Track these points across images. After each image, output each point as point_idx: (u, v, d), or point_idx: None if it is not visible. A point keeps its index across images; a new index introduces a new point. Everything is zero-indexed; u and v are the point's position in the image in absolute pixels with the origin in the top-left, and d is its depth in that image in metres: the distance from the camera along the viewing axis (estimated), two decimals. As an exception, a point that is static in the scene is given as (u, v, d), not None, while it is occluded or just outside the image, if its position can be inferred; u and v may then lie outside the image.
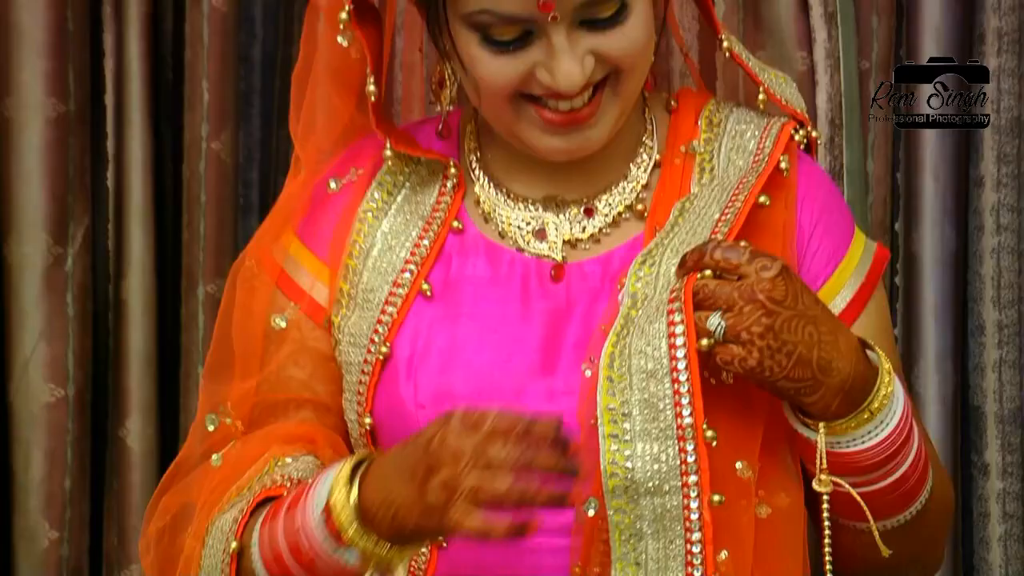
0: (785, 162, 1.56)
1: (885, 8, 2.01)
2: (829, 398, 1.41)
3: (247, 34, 2.11)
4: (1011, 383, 2.03)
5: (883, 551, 1.47)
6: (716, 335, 1.40)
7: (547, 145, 1.51)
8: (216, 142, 2.06)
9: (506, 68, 1.46)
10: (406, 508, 1.35)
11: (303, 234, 1.61)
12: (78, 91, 2.05)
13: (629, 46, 1.47)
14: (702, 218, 1.53)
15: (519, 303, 1.55)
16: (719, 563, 1.43)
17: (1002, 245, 2.03)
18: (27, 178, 2.03)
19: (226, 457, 1.53)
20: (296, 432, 1.54)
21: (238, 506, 1.47)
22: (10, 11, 2.01)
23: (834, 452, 1.43)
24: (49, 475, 2.04)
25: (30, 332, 2.04)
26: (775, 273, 1.40)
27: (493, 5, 1.42)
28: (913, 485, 1.47)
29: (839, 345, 1.42)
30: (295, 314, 1.59)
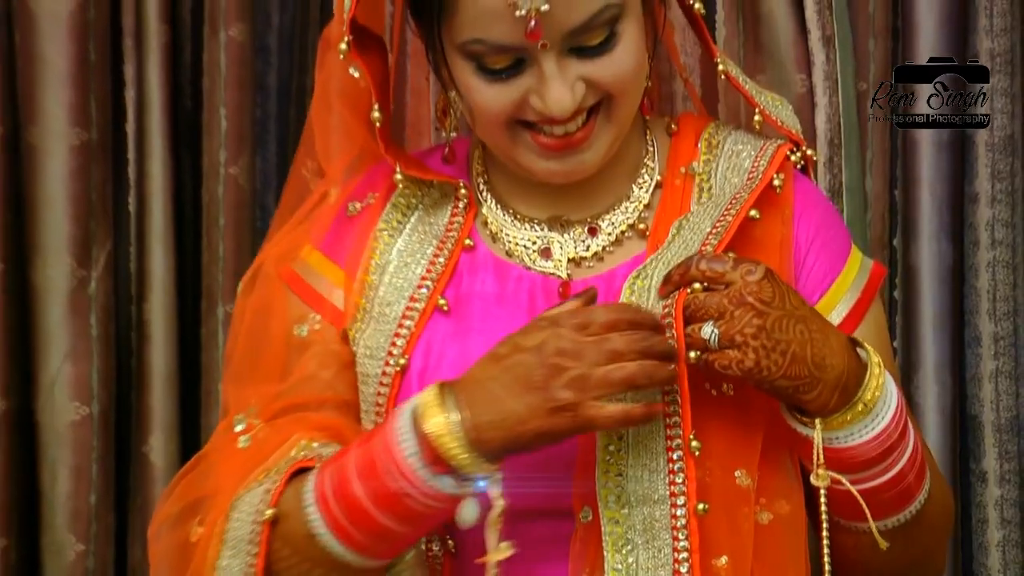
0: (779, 180, 1.58)
1: (881, 31, 2.02)
2: (827, 394, 1.42)
3: (263, 63, 2.12)
4: (1007, 393, 2.04)
5: (881, 544, 1.47)
6: (711, 343, 1.41)
7: (543, 168, 1.53)
8: (234, 167, 2.07)
9: (500, 95, 1.48)
10: (526, 417, 1.36)
11: (325, 248, 1.62)
12: (100, 120, 2.06)
13: (619, 72, 1.49)
14: (695, 233, 1.54)
15: (526, 318, 1.54)
16: (719, 568, 1.44)
17: (997, 259, 2.03)
18: (51, 203, 2.04)
19: (255, 439, 1.53)
20: (324, 422, 1.54)
21: (270, 478, 1.47)
22: (35, 43, 2.02)
23: (832, 448, 1.44)
24: (75, 490, 2.05)
25: (56, 352, 2.05)
26: (760, 276, 1.42)
27: (485, 35, 1.45)
28: (911, 483, 1.48)
29: (830, 342, 1.43)
30: (317, 322, 1.60)
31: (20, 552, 2.07)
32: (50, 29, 2.01)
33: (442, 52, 1.52)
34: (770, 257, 1.54)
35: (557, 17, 1.42)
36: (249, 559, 1.45)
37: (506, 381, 1.37)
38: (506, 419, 1.37)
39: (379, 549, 1.43)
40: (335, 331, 1.60)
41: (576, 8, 1.43)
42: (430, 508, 1.39)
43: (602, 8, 1.45)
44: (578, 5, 1.43)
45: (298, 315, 1.60)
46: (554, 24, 1.42)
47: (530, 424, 1.37)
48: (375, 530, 1.40)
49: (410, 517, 1.40)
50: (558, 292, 1.57)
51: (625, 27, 1.47)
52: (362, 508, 1.40)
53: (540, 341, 1.38)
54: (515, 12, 1.41)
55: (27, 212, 2.06)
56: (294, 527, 1.43)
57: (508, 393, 1.37)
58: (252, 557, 1.44)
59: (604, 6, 1.45)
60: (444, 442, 1.37)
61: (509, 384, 1.37)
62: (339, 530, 1.40)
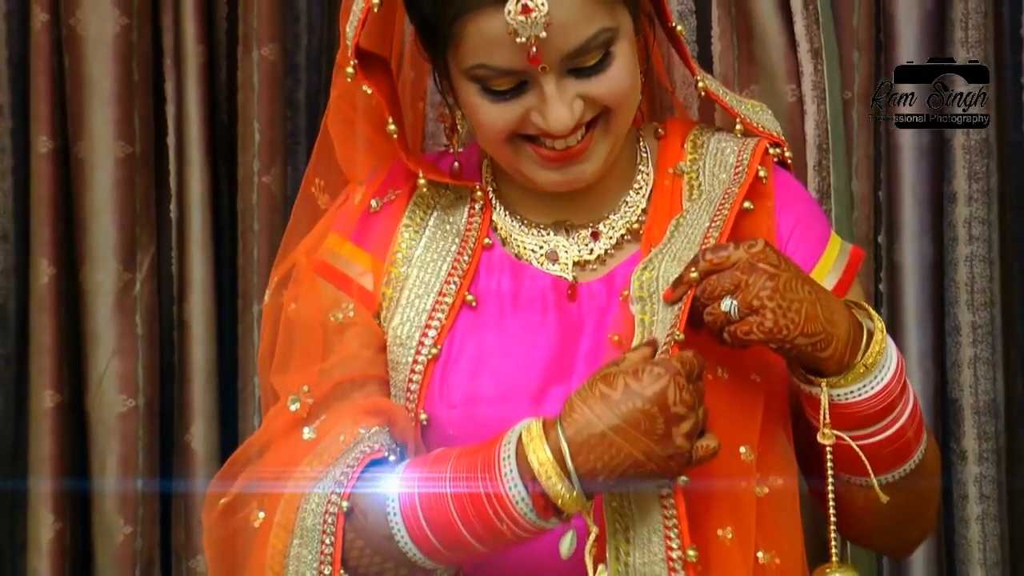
0: (764, 171, 1.61)
1: (865, 44, 2.03)
2: (841, 350, 1.44)
3: (293, 80, 2.12)
4: (985, 378, 2.06)
5: (882, 498, 1.48)
6: (732, 314, 1.43)
7: (545, 179, 1.56)
8: (267, 177, 2.09)
9: (503, 114, 1.51)
10: (643, 462, 1.36)
11: (355, 238, 1.64)
12: (143, 134, 2.08)
13: (615, 89, 1.51)
14: (694, 228, 1.56)
15: (538, 316, 1.59)
16: (724, 539, 1.46)
17: (974, 254, 2.06)
18: (99, 212, 2.07)
19: (319, 430, 1.53)
20: (376, 406, 1.55)
21: (340, 469, 1.47)
22: (82, 65, 2.05)
23: (838, 404, 1.46)
24: (123, 476, 2.07)
25: (104, 350, 2.08)
26: (762, 246, 1.44)
27: (489, 60, 1.47)
28: (910, 439, 1.51)
29: (832, 300, 1.47)
30: (352, 307, 1.61)
31: (74, 534, 2.10)
32: (96, 52, 2.04)
33: (449, 76, 1.55)
34: None
35: (555, 42, 1.45)
36: (324, 548, 1.45)
37: (626, 429, 1.36)
38: (621, 464, 1.37)
39: (456, 560, 1.46)
40: (369, 313, 1.61)
41: (572, 33, 1.46)
42: (523, 538, 1.41)
43: (597, 32, 1.47)
44: (574, 31, 1.46)
45: (333, 301, 1.62)
46: (552, 49, 1.45)
47: (646, 468, 1.37)
48: (461, 547, 1.41)
49: (502, 543, 1.41)
50: (567, 295, 1.60)
51: (618, 48, 1.50)
52: (455, 532, 1.40)
53: (661, 390, 1.37)
54: (516, 39, 1.43)
55: (76, 220, 2.08)
56: (372, 526, 1.44)
57: (627, 440, 1.36)
58: (327, 547, 1.45)
59: (599, 30, 1.47)
60: (557, 492, 1.37)
61: (629, 433, 1.36)
62: (423, 542, 1.42)
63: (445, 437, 1.55)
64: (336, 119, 1.65)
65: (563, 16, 1.44)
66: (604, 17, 1.47)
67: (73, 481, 2.10)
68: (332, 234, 1.65)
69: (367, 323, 1.61)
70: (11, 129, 2.10)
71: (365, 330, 1.61)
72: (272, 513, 1.50)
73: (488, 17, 1.44)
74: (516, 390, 1.56)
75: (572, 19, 1.45)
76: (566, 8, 1.44)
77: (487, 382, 1.56)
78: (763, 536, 1.49)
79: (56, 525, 2.07)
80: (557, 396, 1.53)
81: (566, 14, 1.44)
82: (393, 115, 1.59)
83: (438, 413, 1.56)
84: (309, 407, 1.56)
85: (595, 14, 1.46)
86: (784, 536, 1.52)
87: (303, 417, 1.56)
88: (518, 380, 1.56)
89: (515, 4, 1.42)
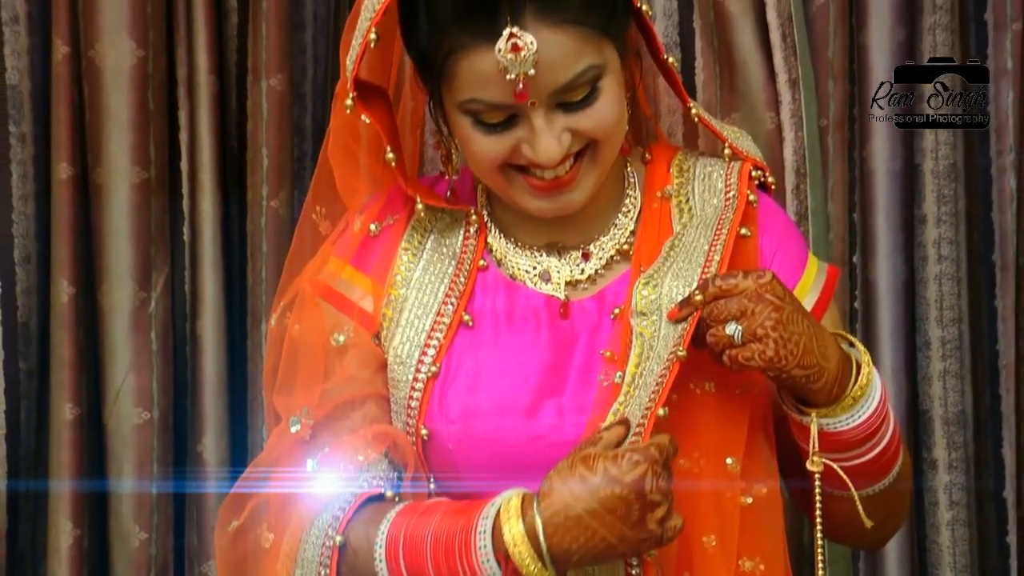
0: (753, 196, 1.62)
1: (840, 75, 2.04)
2: (831, 382, 1.46)
3: (300, 108, 2.13)
4: (954, 390, 2.08)
5: (866, 523, 1.51)
6: (736, 339, 1.44)
7: (535, 206, 1.56)
8: (275, 200, 2.09)
9: (495, 145, 1.52)
10: (615, 545, 1.38)
11: (355, 262, 1.64)
12: (158, 160, 2.09)
13: (601, 122, 1.51)
14: (693, 250, 1.57)
15: (532, 335, 1.60)
16: (708, 546, 1.49)
17: (943, 273, 2.07)
18: (116, 235, 2.08)
19: (322, 462, 1.54)
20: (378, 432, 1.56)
21: (338, 504, 1.49)
22: (100, 95, 2.06)
23: (826, 432, 1.49)
24: (138, 485, 2.08)
25: (121, 365, 2.09)
26: (770, 278, 1.46)
27: (481, 95, 1.48)
28: (890, 458, 1.54)
29: (826, 336, 1.48)
30: (352, 329, 1.62)
31: (91, 540, 2.11)
32: (114, 83, 2.05)
33: (443, 107, 1.55)
34: (754, 266, 1.59)
35: (543, 79, 1.46)
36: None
37: (602, 514, 1.37)
38: (595, 547, 1.38)
39: None
40: (368, 335, 1.62)
41: (561, 71, 1.46)
42: None
43: (585, 69, 1.48)
44: (563, 68, 1.46)
45: (334, 324, 1.61)
46: (541, 85, 1.46)
47: (618, 551, 1.39)
48: None
49: None
50: (559, 313, 1.61)
51: (606, 83, 1.50)
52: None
53: (639, 477, 1.38)
54: (506, 76, 1.44)
55: (95, 242, 2.09)
56: (361, 563, 1.47)
57: (602, 524, 1.37)
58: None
59: (586, 67, 1.48)
60: (529, 571, 1.38)
61: (605, 518, 1.38)
62: None
63: (445, 451, 1.57)
64: (336, 148, 1.66)
65: (552, 54, 1.45)
66: (592, 54, 1.48)
67: (91, 489, 2.11)
68: (333, 258, 1.66)
69: (366, 344, 1.61)
70: (33, 156, 2.10)
71: (364, 351, 1.61)
72: (280, 536, 1.51)
73: (480, 54, 1.46)
74: (512, 405, 1.57)
75: (560, 57, 1.46)
76: (554, 47, 1.45)
77: (484, 398, 1.57)
78: (748, 544, 1.52)
79: (74, 531, 2.08)
80: (551, 410, 1.56)
81: (555, 52, 1.45)
82: (391, 143, 1.59)
83: (438, 428, 1.57)
84: (310, 428, 1.57)
85: (583, 52, 1.47)
86: (768, 543, 1.55)
87: (305, 438, 1.56)
88: (513, 395, 1.57)
89: (505, 43, 1.44)
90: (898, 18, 2.06)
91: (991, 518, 2.12)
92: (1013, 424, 2.10)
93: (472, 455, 1.55)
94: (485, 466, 1.56)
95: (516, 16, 1.44)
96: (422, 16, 1.50)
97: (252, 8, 2.10)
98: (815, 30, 2.03)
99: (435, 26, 1.49)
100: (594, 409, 1.54)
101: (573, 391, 1.57)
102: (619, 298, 1.60)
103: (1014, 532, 2.10)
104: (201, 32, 2.09)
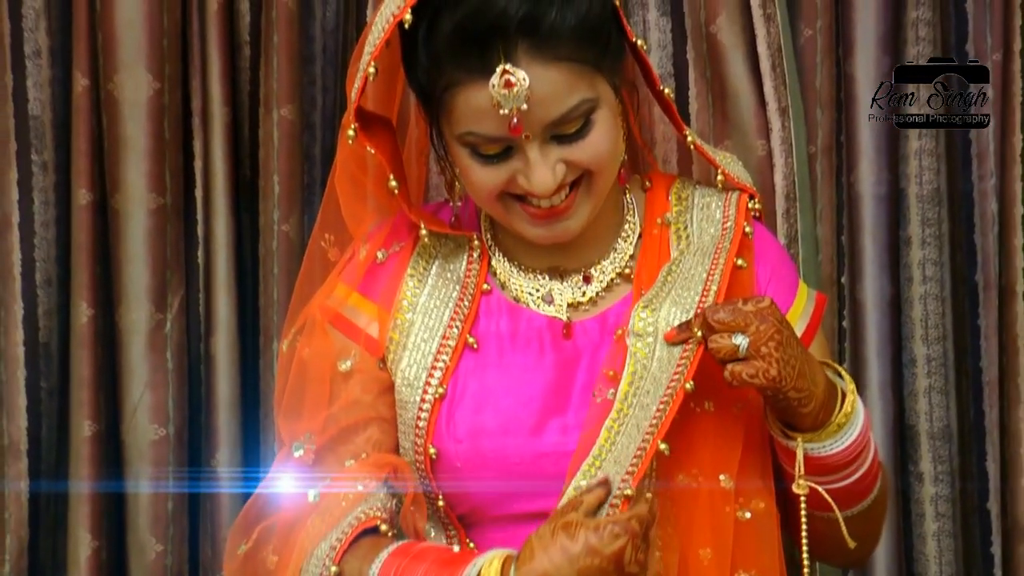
0: (749, 227, 1.65)
1: (827, 103, 2.06)
2: (818, 407, 1.49)
3: (309, 137, 2.14)
4: (939, 406, 2.09)
5: (849, 544, 1.55)
6: (741, 351, 1.46)
7: (533, 234, 1.58)
8: (286, 225, 2.10)
9: (492, 176, 1.54)
10: None
11: (362, 289, 1.66)
12: (173, 187, 2.11)
13: (595, 153, 1.53)
14: (691, 277, 1.59)
15: (536, 355, 1.62)
16: (703, 558, 1.51)
17: (928, 292, 2.09)
18: (133, 258, 2.09)
19: (323, 495, 1.56)
20: (380, 461, 1.58)
21: (335, 535, 1.51)
22: (119, 125, 2.08)
23: (812, 456, 1.51)
24: (155, 499, 2.10)
25: (137, 383, 2.10)
26: (769, 303, 1.49)
27: (477, 128, 1.51)
28: (870, 481, 1.58)
29: (815, 363, 1.52)
30: (359, 354, 1.63)
31: (109, 552, 2.12)
32: (131, 113, 2.07)
33: (444, 138, 1.58)
34: (750, 294, 1.62)
35: (537, 114, 1.48)
36: None
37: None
38: None
39: None
40: (374, 360, 1.63)
41: (553, 105, 1.48)
42: None
43: (577, 103, 1.49)
44: (555, 103, 1.48)
45: (342, 350, 1.63)
46: (535, 119, 1.48)
47: None
48: None
49: None
50: (562, 333, 1.63)
51: (599, 115, 1.51)
52: None
53: (619, 550, 1.40)
54: (500, 111, 1.46)
55: (113, 266, 2.10)
56: None
57: None
58: None
59: (579, 101, 1.49)
60: None
61: None
62: None
63: (453, 469, 1.60)
64: (342, 178, 1.67)
65: (544, 90, 1.47)
66: (585, 89, 1.50)
67: (109, 502, 2.13)
68: (341, 285, 1.67)
69: (371, 370, 1.63)
70: (54, 183, 2.12)
71: (368, 376, 1.63)
72: (284, 561, 1.53)
73: (475, 89, 1.48)
74: (517, 424, 1.59)
75: (553, 92, 1.48)
76: (546, 83, 1.47)
77: (490, 418, 1.59)
78: (744, 557, 1.55)
79: (93, 543, 2.10)
80: (555, 428, 1.59)
81: (547, 88, 1.47)
82: (395, 172, 1.60)
83: (446, 447, 1.59)
84: (313, 453, 1.59)
85: (576, 87, 1.49)
86: (763, 556, 1.57)
87: (308, 462, 1.58)
88: (518, 415, 1.59)
89: (499, 78, 1.46)
90: (883, 49, 2.08)
91: (976, 529, 2.13)
92: (996, 438, 2.10)
93: (479, 473, 1.58)
94: (492, 484, 1.58)
95: (509, 53, 1.46)
96: (421, 51, 1.53)
97: (264, 42, 2.11)
98: (803, 60, 2.05)
99: (433, 61, 1.51)
100: (586, 424, 1.55)
101: (576, 409, 1.59)
102: (621, 319, 1.61)
103: (998, 542, 2.11)
104: (215, 65, 2.11)
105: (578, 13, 1.48)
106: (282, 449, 1.64)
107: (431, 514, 1.64)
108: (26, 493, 2.10)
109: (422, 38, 1.52)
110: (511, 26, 1.46)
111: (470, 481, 1.58)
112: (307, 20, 2.15)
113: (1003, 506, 2.09)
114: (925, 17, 2.07)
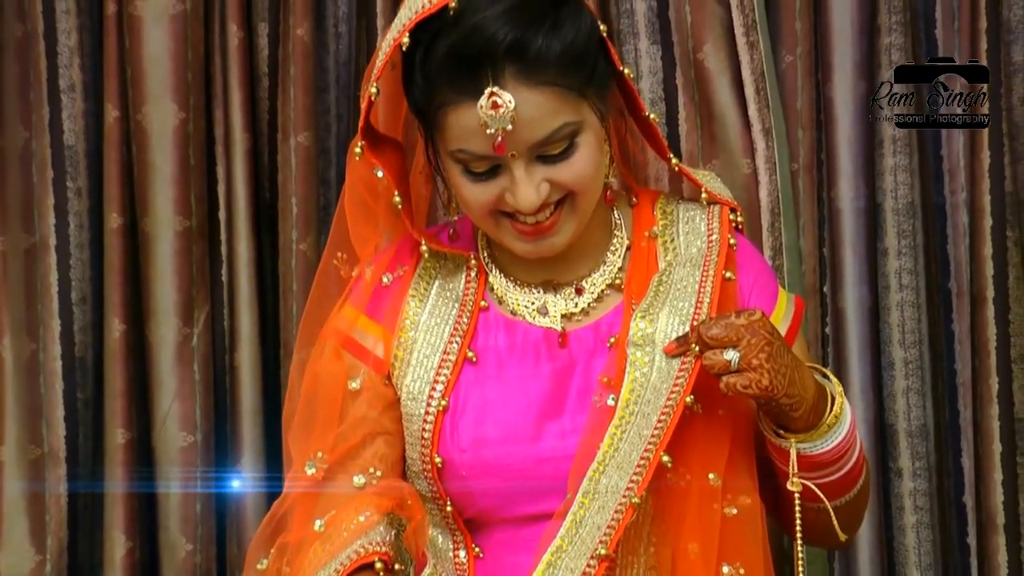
0: (733, 240, 1.67)
1: (808, 124, 2.11)
2: (808, 412, 1.51)
3: (325, 162, 2.19)
4: (916, 406, 2.12)
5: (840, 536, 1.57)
6: (732, 365, 1.48)
7: (521, 249, 1.60)
8: (303, 244, 2.15)
9: (482, 192, 1.56)
10: None
11: (369, 312, 1.68)
12: (198, 210, 2.16)
13: (578, 175, 1.55)
14: (684, 288, 1.61)
15: (533, 365, 1.65)
16: (691, 552, 1.53)
17: (904, 300, 2.12)
18: (162, 277, 2.14)
19: (328, 523, 1.57)
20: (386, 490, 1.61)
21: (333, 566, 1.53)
22: (147, 153, 2.14)
23: (802, 455, 1.54)
24: (184, 501, 2.16)
25: (167, 393, 2.15)
26: (760, 315, 1.50)
27: (467, 146, 1.53)
28: (856, 474, 1.61)
29: (805, 370, 1.53)
30: (367, 373, 1.65)
31: (143, 551, 2.18)
32: (159, 142, 2.13)
33: (439, 155, 1.61)
34: (737, 304, 1.65)
35: (522, 134, 1.50)
36: None
37: None
38: None
39: None
40: (380, 377, 1.66)
41: (538, 127, 1.51)
42: None
43: (561, 126, 1.52)
44: (540, 124, 1.51)
45: (351, 370, 1.65)
46: (520, 139, 1.50)
47: None
48: None
49: None
50: (558, 342, 1.66)
51: (583, 138, 1.54)
52: None
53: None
54: (487, 130, 1.49)
55: (143, 284, 2.16)
56: None
57: None
58: None
59: (563, 124, 1.52)
60: None
61: None
62: None
63: (459, 476, 1.62)
64: (350, 200, 1.68)
65: (529, 112, 1.50)
66: (569, 113, 1.52)
67: (142, 505, 2.18)
68: (349, 307, 1.69)
69: (377, 387, 1.65)
70: (88, 208, 2.18)
71: (374, 393, 1.64)
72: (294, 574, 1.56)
73: (465, 110, 1.51)
74: (516, 432, 1.61)
75: (537, 114, 1.50)
76: (532, 106, 1.50)
77: (491, 428, 1.62)
78: (730, 551, 1.56)
79: (127, 543, 2.16)
80: (553, 433, 1.61)
81: (532, 111, 1.50)
82: (399, 189, 1.62)
83: (451, 456, 1.62)
84: (325, 471, 1.60)
85: (560, 110, 1.51)
86: (749, 549, 1.59)
87: (319, 479, 1.60)
88: (518, 423, 1.62)
89: (487, 99, 1.48)
90: (859, 73, 2.13)
91: (953, 521, 2.16)
92: (971, 436, 2.13)
93: (484, 479, 1.60)
94: (497, 488, 1.61)
95: (497, 77, 1.49)
96: (418, 73, 1.56)
97: (281, 74, 2.16)
98: (785, 84, 2.10)
99: (428, 82, 1.54)
100: (587, 428, 1.58)
101: (572, 413, 1.62)
102: (614, 327, 1.64)
103: (974, 533, 2.14)
104: (236, 96, 2.16)
105: (564, 41, 1.51)
106: (291, 467, 1.66)
107: (439, 519, 1.66)
108: (65, 497, 2.15)
109: (419, 60, 1.54)
110: (500, 51, 1.48)
111: (476, 487, 1.61)
112: (321, 53, 2.19)
113: (978, 499, 2.11)
114: (897, 43, 2.10)
